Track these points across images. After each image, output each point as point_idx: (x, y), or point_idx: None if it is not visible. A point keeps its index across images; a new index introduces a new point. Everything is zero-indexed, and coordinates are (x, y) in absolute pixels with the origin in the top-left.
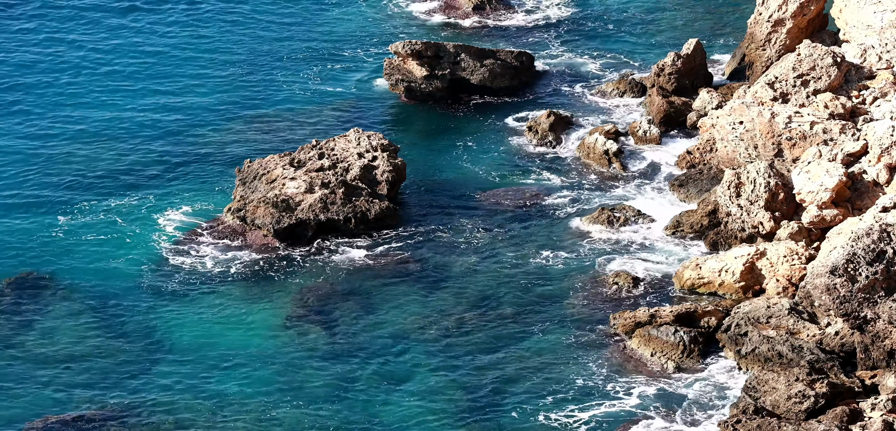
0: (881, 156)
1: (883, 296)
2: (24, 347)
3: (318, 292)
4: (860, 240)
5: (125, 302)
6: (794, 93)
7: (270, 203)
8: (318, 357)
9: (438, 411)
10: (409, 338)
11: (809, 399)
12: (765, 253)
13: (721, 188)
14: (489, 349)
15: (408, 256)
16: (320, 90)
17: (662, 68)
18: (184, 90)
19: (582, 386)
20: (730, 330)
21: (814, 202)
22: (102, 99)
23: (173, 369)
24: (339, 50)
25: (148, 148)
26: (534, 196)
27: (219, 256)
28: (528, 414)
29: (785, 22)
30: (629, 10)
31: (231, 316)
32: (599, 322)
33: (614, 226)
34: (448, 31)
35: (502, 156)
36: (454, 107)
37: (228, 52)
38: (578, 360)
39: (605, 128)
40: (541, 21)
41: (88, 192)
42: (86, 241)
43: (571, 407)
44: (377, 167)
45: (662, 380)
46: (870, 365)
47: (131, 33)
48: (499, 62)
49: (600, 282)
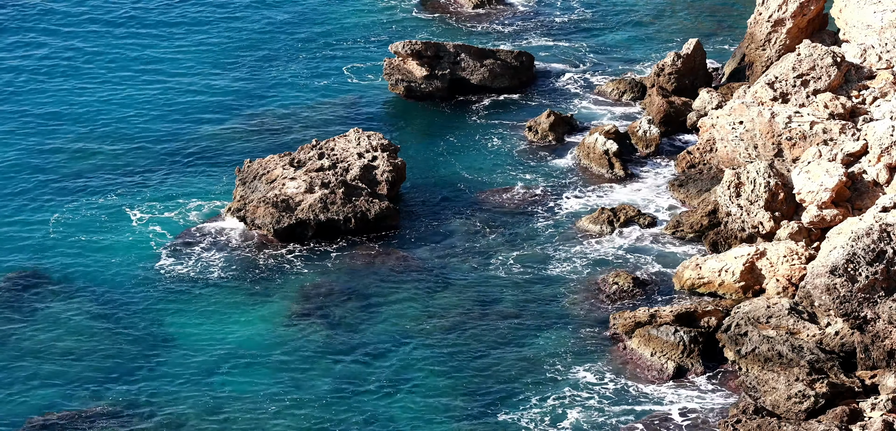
0: (881, 156)
1: (883, 296)
2: (24, 344)
3: (318, 292)
4: (860, 240)
5: (125, 300)
6: (794, 93)
7: (270, 203)
8: (318, 356)
9: (438, 410)
10: (409, 338)
11: (809, 399)
12: (765, 253)
13: (721, 188)
14: (489, 349)
15: (408, 256)
16: (320, 90)
17: (662, 68)
18: (183, 89)
19: (582, 387)
20: (730, 329)
21: (814, 202)
22: (101, 97)
23: (173, 368)
24: (340, 50)
25: (147, 146)
26: (534, 196)
27: (219, 256)
28: (528, 414)
29: (785, 22)
30: (629, 11)
31: (231, 315)
32: (599, 322)
33: (614, 227)
34: (448, 30)
35: (502, 156)
36: (454, 107)
37: (228, 52)
38: (578, 360)
39: (605, 128)
40: (541, 21)
41: (88, 191)
42: (85, 240)
43: (571, 407)
44: (377, 167)
45: (662, 380)
46: (870, 365)
47: (131, 32)
48: (499, 62)
49: (600, 282)
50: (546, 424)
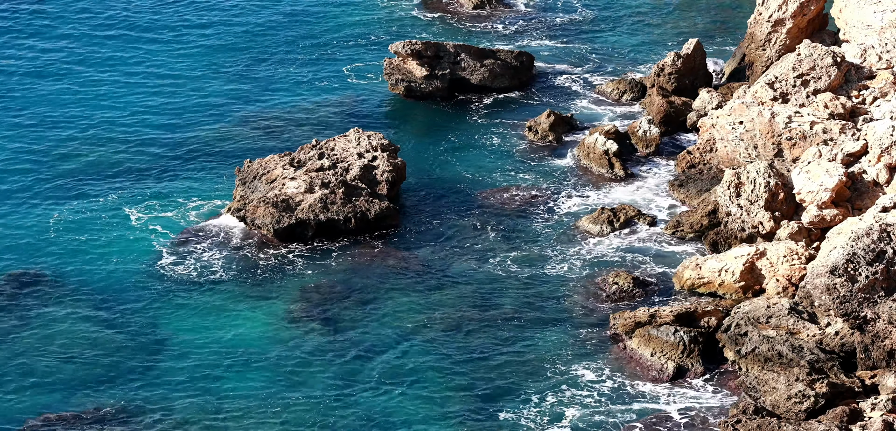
0: (881, 156)
1: (883, 296)
2: (23, 344)
3: (318, 292)
4: (860, 240)
5: (125, 300)
6: (794, 93)
7: (270, 203)
8: (319, 356)
9: (438, 409)
10: (409, 338)
11: (809, 399)
12: (765, 253)
13: (721, 188)
14: (489, 348)
15: (408, 256)
16: (320, 90)
17: (662, 68)
18: (183, 89)
19: (582, 386)
20: (730, 329)
21: (814, 202)
22: (101, 97)
23: (173, 368)
24: (340, 49)
25: (147, 146)
26: (534, 196)
27: (218, 256)
28: (528, 414)
29: (785, 22)
30: (629, 10)
31: (231, 315)
32: (599, 322)
33: (614, 227)
34: (448, 31)
35: (502, 155)
36: (454, 107)
37: (228, 52)
38: (578, 360)
39: (605, 128)
40: (541, 21)
41: (88, 191)
42: (85, 240)
43: (571, 407)
44: (377, 167)
45: (662, 380)
46: (870, 365)
47: (130, 31)
48: (499, 62)
49: (600, 282)
50: (546, 423)
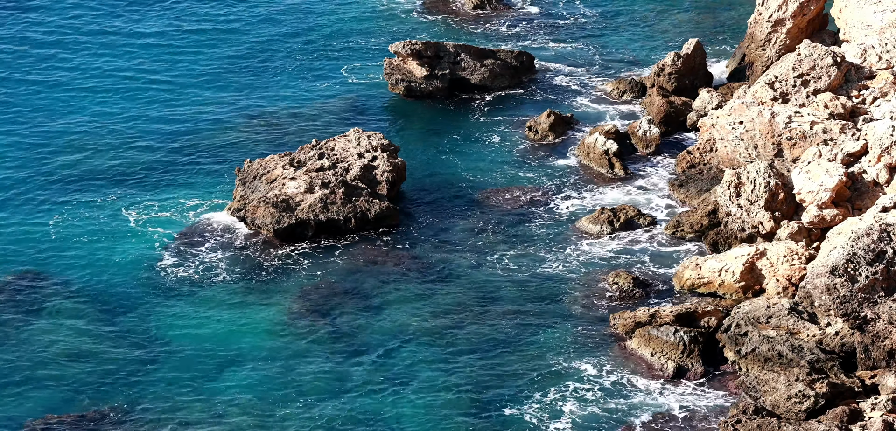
0: (881, 156)
1: (883, 296)
2: (24, 346)
3: (318, 292)
4: (860, 240)
5: (125, 301)
6: (794, 93)
7: (270, 203)
8: (319, 356)
9: (438, 410)
10: (410, 338)
11: (809, 399)
12: (765, 253)
13: (721, 188)
14: (489, 348)
15: (408, 255)
16: (320, 90)
17: (662, 68)
18: (183, 89)
19: (582, 386)
20: (730, 330)
21: (814, 202)
22: (101, 98)
23: (173, 368)
24: (340, 50)
25: (147, 147)
26: (534, 196)
27: (219, 256)
28: (528, 414)
29: (785, 22)
30: (629, 10)
31: (231, 315)
32: (599, 322)
33: (614, 227)
34: (448, 31)
35: (502, 155)
36: (454, 107)
37: (228, 52)
38: (578, 360)
39: (605, 128)
40: (541, 21)
41: (88, 192)
42: (85, 241)
43: (571, 407)
44: (377, 167)
45: (662, 380)
46: (870, 365)
47: (130, 31)
48: (499, 62)
49: (600, 282)
50: (547, 419)
